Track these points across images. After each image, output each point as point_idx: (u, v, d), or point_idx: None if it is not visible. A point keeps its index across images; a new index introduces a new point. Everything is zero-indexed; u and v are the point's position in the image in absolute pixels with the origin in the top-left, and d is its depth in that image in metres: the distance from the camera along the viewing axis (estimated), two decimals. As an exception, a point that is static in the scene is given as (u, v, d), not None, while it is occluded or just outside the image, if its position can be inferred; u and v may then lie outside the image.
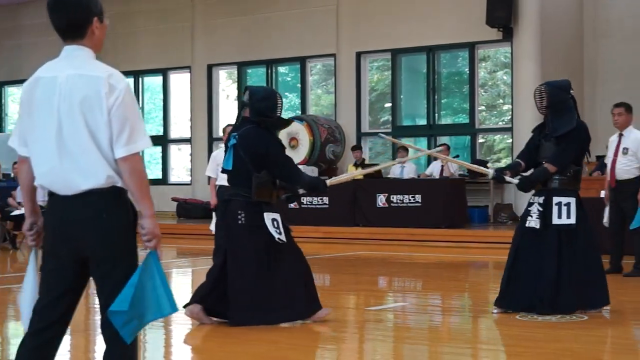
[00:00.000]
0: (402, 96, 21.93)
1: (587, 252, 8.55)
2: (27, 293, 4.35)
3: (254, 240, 7.88)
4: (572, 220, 8.45)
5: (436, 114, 21.18)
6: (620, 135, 11.59)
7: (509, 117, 20.17)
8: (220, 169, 12.96)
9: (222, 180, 13.11)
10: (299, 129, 20.17)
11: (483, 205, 19.41)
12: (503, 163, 21.01)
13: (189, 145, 24.42)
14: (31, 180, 4.31)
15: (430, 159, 20.65)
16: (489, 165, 20.20)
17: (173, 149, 25.43)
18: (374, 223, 18.02)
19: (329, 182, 8.51)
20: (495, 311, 8.68)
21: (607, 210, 11.65)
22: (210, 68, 24.14)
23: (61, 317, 4.27)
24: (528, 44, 19.12)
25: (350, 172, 8.93)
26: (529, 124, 19.04)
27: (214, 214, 13.07)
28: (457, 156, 19.50)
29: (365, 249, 16.18)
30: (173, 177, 25.44)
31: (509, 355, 7.28)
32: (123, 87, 4.14)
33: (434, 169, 19.18)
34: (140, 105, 25.69)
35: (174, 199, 23.05)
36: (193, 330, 8.03)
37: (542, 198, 8.58)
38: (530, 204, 8.68)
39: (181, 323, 8.37)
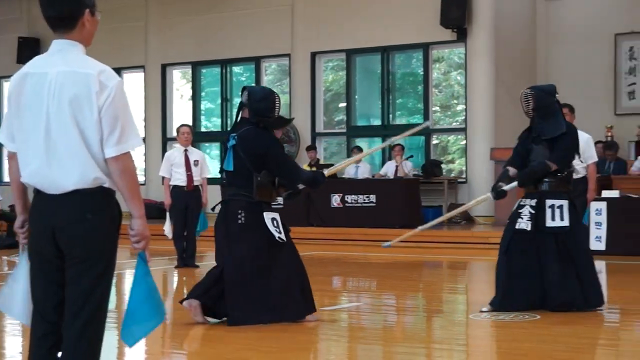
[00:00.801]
0: (356, 96, 21.96)
1: (584, 252, 8.68)
2: (20, 290, 4.29)
3: (254, 239, 7.93)
4: (566, 222, 8.54)
5: (390, 115, 21.23)
6: None
7: (463, 117, 20.27)
8: (173, 169, 13.04)
9: (176, 180, 13.09)
10: (253, 129, 20.08)
11: (437, 205, 19.47)
12: (457, 164, 21.12)
13: (143, 145, 24.28)
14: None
15: (385, 159, 20.70)
16: (443, 166, 20.34)
17: (126, 148, 25.23)
18: (328, 223, 18.03)
19: (326, 172, 8.57)
20: (485, 309, 8.66)
21: None
22: (164, 68, 24.00)
23: (60, 316, 4.20)
24: (482, 45, 19.24)
25: (347, 159, 9.14)
26: (482, 124, 19.28)
27: (167, 214, 13.02)
28: (411, 156, 19.57)
29: (319, 249, 16.17)
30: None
31: (462, 355, 7.31)
32: (114, 85, 4.08)
33: (389, 169, 19.23)
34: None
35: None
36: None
37: (534, 200, 8.63)
38: (520, 206, 8.72)
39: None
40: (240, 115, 8.22)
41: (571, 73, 19.85)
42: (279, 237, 7.94)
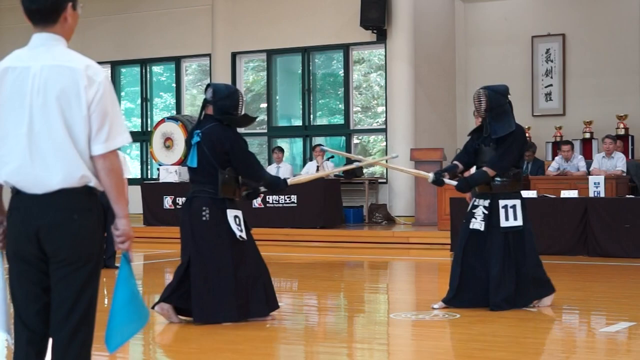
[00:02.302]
0: (277, 97, 21.95)
1: (532, 250, 8.82)
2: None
3: (218, 236, 7.97)
4: (520, 222, 8.68)
5: (311, 115, 21.27)
6: None
7: (383, 118, 20.39)
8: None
9: (96, 181, 12.93)
10: (174, 129, 20.01)
11: (358, 205, 19.58)
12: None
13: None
14: None
15: (306, 159, 20.73)
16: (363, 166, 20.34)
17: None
18: (249, 223, 17.96)
19: (289, 181, 8.63)
20: (436, 306, 8.77)
21: None
22: (82, 67, 23.69)
23: (44, 323, 4.04)
24: (401, 46, 19.36)
25: (313, 174, 9.30)
26: (402, 125, 19.41)
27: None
28: (332, 156, 19.63)
29: (241, 250, 16.12)
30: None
31: (383, 354, 7.35)
32: (102, 80, 3.96)
33: (310, 170, 19.25)
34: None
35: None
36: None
37: (487, 201, 8.74)
38: (474, 207, 8.83)
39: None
40: (203, 112, 8.21)
41: (489, 74, 20.09)
42: (239, 236, 8.01)
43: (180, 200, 18.21)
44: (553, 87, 19.98)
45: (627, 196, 14.81)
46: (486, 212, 8.72)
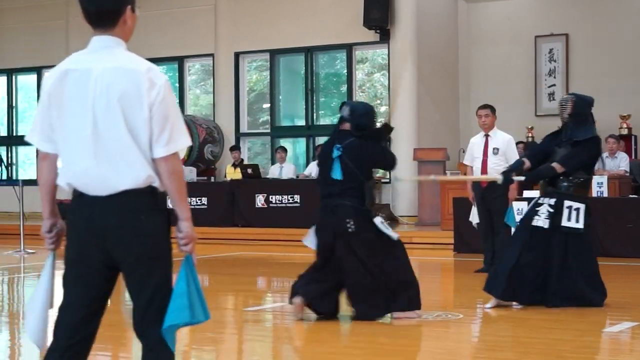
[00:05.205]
0: (280, 97, 21.96)
1: (592, 257, 8.98)
2: (38, 302, 4.06)
3: (366, 242, 8.20)
4: (581, 224, 8.77)
5: (314, 115, 21.27)
6: (487, 136, 11.85)
7: (386, 118, 20.39)
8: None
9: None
10: (177, 129, 20.00)
11: (361, 205, 19.53)
12: (380, 163, 21.21)
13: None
14: (53, 179, 4.00)
15: (309, 159, 20.74)
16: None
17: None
18: (252, 223, 18.00)
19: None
20: (488, 305, 8.83)
21: (474, 209, 11.99)
22: (86, 67, 23.68)
23: (93, 330, 4.02)
24: (404, 46, 19.37)
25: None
26: (405, 125, 19.39)
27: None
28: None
29: (244, 250, 16.14)
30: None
31: (386, 354, 7.35)
32: (163, 83, 3.91)
33: (313, 170, 19.24)
34: (15, 104, 25.06)
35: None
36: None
37: (554, 200, 8.82)
38: (538, 204, 8.91)
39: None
40: (339, 128, 8.61)
41: (492, 75, 20.12)
42: (396, 237, 8.30)
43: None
44: (556, 87, 19.97)
45: (630, 196, 14.80)
46: (551, 210, 8.76)
